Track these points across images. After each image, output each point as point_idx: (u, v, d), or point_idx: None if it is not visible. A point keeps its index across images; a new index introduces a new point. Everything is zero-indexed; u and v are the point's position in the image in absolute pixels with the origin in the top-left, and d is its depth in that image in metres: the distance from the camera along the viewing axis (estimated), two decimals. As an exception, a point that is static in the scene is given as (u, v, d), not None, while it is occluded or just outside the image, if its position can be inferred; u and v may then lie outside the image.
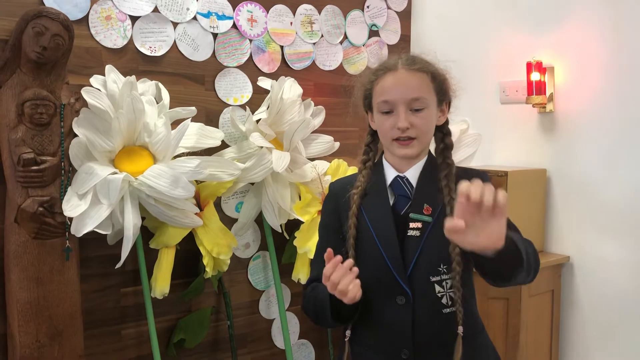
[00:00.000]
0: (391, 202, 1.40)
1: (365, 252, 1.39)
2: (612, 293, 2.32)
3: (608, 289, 2.33)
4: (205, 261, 2.14)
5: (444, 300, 1.37)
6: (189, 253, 2.21)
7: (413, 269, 1.35)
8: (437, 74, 1.41)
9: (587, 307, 2.39)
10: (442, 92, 1.42)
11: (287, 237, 2.43)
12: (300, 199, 2.40)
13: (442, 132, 1.46)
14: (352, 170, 2.53)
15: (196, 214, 2.11)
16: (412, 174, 1.41)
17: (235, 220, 2.39)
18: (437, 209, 1.37)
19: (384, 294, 1.37)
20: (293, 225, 2.40)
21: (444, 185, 1.39)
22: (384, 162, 1.45)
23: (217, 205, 2.33)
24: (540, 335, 2.38)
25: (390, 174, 1.43)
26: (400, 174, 1.42)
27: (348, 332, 1.41)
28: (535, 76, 2.42)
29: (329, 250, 1.26)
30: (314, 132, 2.47)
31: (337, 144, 2.53)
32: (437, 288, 1.36)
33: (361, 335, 1.40)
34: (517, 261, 1.23)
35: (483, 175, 1.45)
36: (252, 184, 2.35)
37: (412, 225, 1.36)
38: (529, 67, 2.43)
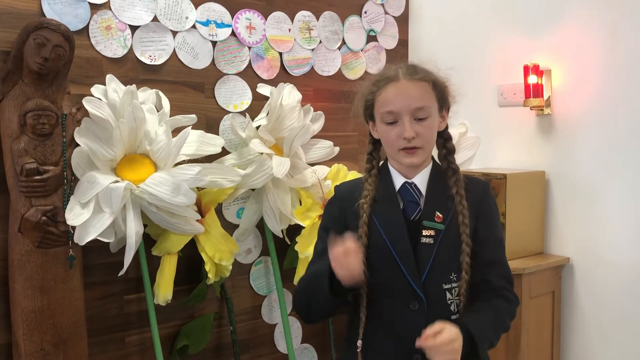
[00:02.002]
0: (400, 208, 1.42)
1: (377, 258, 1.40)
2: (613, 293, 2.33)
3: (608, 290, 2.34)
4: (207, 267, 2.15)
5: (452, 307, 1.40)
6: (191, 259, 2.22)
7: (427, 275, 1.38)
8: (438, 82, 1.43)
9: (588, 308, 2.40)
10: (443, 99, 1.44)
11: (289, 242, 2.44)
12: (300, 204, 2.41)
13: (443, 138, 1.48)
14: (353, 175, 2.55)
15: (198, 220, 2.13)
16: (420, 180, 1.44)
17: (237, 226, 2.40)
18: (448, 216, 1.40)
19: (397, 300, 1.38)
20: (294, 230, 2.41)
21: (454, 192, 1.42)
22: (390, 168, 1.47)
23: (219, 211, 2.34)
24: (541, 337, 2.39)
25: (398, 180, 1.45)
26: (408, 180, 1.44)
27: (359, 343, 1.41)
28: (532, 79, 2.43)
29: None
30: (314, 137, 2.48)
31: (337, 149, 2.55)
32: (448, 295, 1.39)
33: (372, 340, 1.41)
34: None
35: (485, 186, 1.50)
36: (253, 190, 2.36)
37: (425, 232, 1.39)
38: (526, 70, 2.45)
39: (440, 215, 1.40)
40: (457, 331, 1.28)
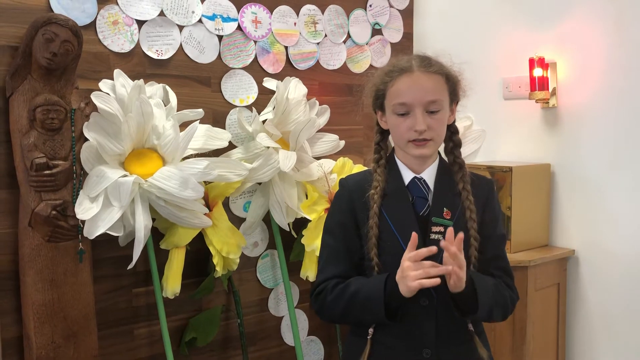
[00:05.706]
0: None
1: (387, 253, 1.40)
2: (618, 286, 2.34)
3: (613, 282, 2.35)
4: (215, 260, 2.17)
5: None
6: (199, 253, 2.24)
7: None
8: (451, 75, 1.43)
9: (593, 300, 2.42)
10: (455, 92, 1.45)
11: (295, 236, 2.46)
12: (307, 198, 2.43)
13: (450, 131, 1.49)
14: (358, 168, 2.56)
15: (205, 214, 2.14)
16: (428, 175, 1.44)
17: (244, 219, 2.42)
18: (456, 213, 1.41)
19: None
20: (300, 223, 2.42)
21: (461, 188, 1.42)
22: (398, 162, 1.46)
23: (226, 205, 2.36)
24: (546, 329, 2.41)
25: (406, 175, 1.45)
26: (417, 176, 1.44)
27: (371, 330, 1.42)
28: (537, 72, 2.44)
29: (414, 235, 1.31)
30: (319, 131, 2.49)
31: (343, 143, 2.56)
32: None
33: (382, 335, 1.41)
34: (472, 307, 1.36)
35: (490, 183, 1.51)
36: (260, 183, 2.38)
37: (434, 229, 1.39)
38: (532, 63, 2.45)
39: (449, 212, 1.40)
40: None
